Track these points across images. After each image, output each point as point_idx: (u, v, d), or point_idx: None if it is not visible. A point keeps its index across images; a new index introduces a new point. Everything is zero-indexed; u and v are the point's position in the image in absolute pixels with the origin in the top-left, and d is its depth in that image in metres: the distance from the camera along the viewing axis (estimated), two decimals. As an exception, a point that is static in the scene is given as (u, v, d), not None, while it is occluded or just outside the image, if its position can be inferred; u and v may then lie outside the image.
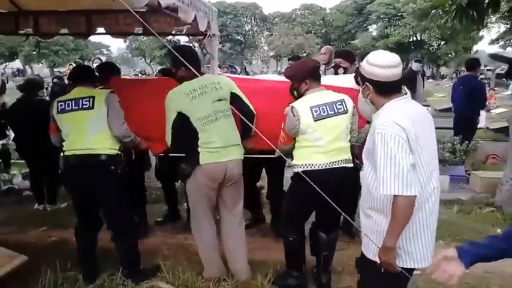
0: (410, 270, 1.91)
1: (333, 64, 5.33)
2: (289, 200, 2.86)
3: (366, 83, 1.90)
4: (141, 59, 50.41)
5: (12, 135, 6.46)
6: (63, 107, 2.83)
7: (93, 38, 4.04)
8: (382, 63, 1.84)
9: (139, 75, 41.93)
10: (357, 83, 2.79)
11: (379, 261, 1.88)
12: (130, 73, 45.11)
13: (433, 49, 34.43)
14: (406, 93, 1.99)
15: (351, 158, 2.73)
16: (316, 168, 2.61)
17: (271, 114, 2.94)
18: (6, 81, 9.94)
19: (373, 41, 37.23)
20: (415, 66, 6.75)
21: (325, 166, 2.61)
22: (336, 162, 2.63)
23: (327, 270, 2.92)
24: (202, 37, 3.70)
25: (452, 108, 6.82)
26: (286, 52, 42.13)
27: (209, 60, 3.66)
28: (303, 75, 2.69)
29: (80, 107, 2.79)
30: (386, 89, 1.86)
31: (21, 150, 4.82)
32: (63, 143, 2.86)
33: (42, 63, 36.84)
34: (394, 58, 1.87)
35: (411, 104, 1.93)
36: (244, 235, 3.05)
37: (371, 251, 1.96)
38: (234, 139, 2.88)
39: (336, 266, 3.16)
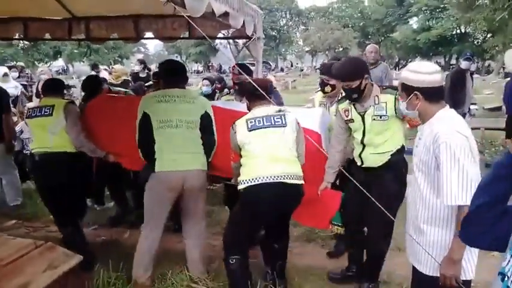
0: (468, 283, 1.88)
1: (377, 65, 5.21)
2: (235, 220, 2.76)
3: (415, 92, 1.89)
4: (176, 56, 51.34)
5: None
6: (31, 113, 3.30)
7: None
8: (428, 69, 1.89)
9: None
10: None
11: (437, 275, 1.85)
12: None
13: (478, 42, 32.66)
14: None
15: (297, 172, 2.62)
16: (259, 182, 2.51)
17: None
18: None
19: (413, 34, 35.79)
20: (464, 64, 6.25)
21: (268, 179, 2.51)
22: (279, 176, 2.53)
23: (283, 277, 2.94)
24: (247, 40, 3.71)
25: (504, 109, 6.33)
26: (322, 47, 41.44)
27: (243, 57, 3.69)
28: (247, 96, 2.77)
29: (42, 113, 3.21)
30: (435, 95, 1.89)
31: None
32: (31, 143, 3.30)
33: (83, 61, 38.31)
34: (434, 65, 1.99)
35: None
36: (203, 236, 3.13)
37: (427, 266, 1.95)
38: (194, 149, 2.89)
39: (385, 276, 3.10)
